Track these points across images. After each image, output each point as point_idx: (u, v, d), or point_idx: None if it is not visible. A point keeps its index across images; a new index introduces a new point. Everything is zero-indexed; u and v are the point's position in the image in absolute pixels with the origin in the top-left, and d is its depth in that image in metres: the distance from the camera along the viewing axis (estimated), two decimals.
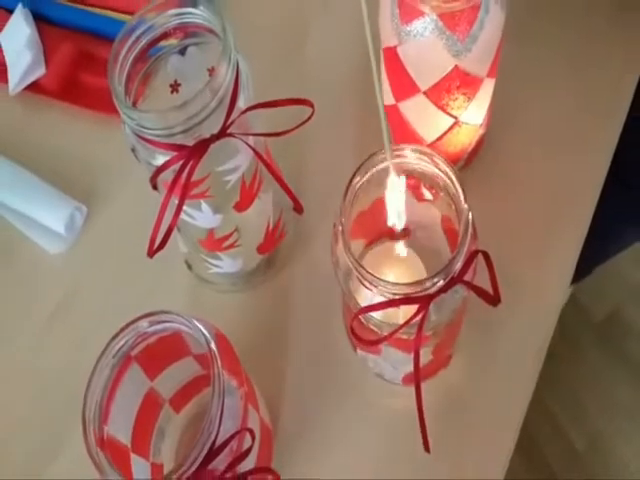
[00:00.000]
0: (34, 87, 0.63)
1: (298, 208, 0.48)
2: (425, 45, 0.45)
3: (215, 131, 0.39)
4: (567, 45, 0.58)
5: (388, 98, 0.52)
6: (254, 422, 0.39)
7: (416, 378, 0.39)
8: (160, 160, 0.39)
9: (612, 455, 1.19)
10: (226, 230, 0.46)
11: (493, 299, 0.40)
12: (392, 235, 0.50)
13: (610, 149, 0.54)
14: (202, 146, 0.38)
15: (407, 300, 0.37)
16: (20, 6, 0.65)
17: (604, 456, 1.19)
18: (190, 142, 0.38)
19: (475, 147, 0.56)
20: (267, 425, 0.44)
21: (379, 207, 0.47)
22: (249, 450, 0.36)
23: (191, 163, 0.38)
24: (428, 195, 0.45)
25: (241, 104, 0.41)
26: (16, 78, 0.62)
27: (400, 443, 0.48)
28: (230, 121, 0.39)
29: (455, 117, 0.51)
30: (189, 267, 0.52)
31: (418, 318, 0.38)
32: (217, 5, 0.40)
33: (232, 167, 0.42)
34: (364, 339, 0.39)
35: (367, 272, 0.37)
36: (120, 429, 0.39)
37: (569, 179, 0.54)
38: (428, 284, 0.37)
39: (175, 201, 0.41)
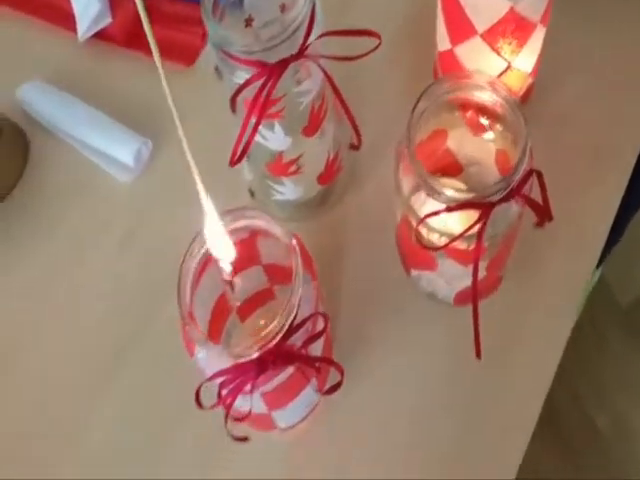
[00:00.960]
0: (101, 35, 0.67)
1: (358, 139, 0.52)
2: None
3: (293, 52, 0.43)
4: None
5: (444, 43, 0.56)
6: None
7: (474, 282, 0.42)
8: (241, 78, 0.43)
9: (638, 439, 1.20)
10: (293, 154, 0.50)
11: (546, 215, 0.44)
12: (445, 171, 0.54)
13: None
14: (282, 65, 0.42)
15: (470, 205, 0.41)
16: None
17: (630, 440, 1.20)
18: (270, 60, 0.42)
19: (524, 95, 0.59)
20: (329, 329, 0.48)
21: (436, 139, 0.50)
22: (322, 331, 0.39)
23: (272, 80, 0.42)
24: (485, 128, 0.49)
25: (314, 33, 0.45)
26: (84, 26, 0.67)
27: (448, 361, 0.51)
28: (307, 44, 0.43)
29: (508, 61, 0.54)
30: (252, 195, 0.56)
31: (478, 227, 0.41)
32: None
33: (305, 89, 0.46)
34: (427, 246, 0.43)
35: (434, 178, 0.41)
36: (200, 324, 0.43)
37: (616, 124, 0.58)
38: (491, 191, 0.40)
39: (253, 121, 0.45)
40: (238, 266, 0.46)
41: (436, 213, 0.41)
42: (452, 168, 0.53)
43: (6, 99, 0.63)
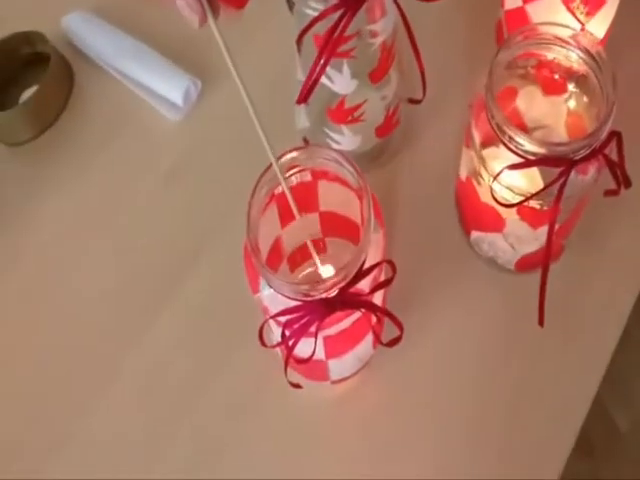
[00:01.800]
0: None
1: (423, 88, 0.51)
2: None
3: None
4: None
5: (515, 0, 0.54)
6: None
7: (548, 242, 0.41)
8: (315, 10, 0.42)
9: None
10: (356, 100, 0.49)
11: (624, 180, 0.43)
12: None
13: None
14: None
15: (551, 162, 0.39)
16: None
17: None
18: None
19: None
20: None
21: (505, 97, 0.49)
22: (391, 279, 0.38)
23: (349, 13, 0.41)
24: (560, 87, 0.47)
25: None
26: None
27: (505, 329, 0.50)
28: None
29: (582, 23, 0.52)
30: (307, 144, 0.55)
31: (557, 185, 0.40)
32: None
33: (379, 28, 0.44)
34: (503, 203, 0.42)
35: (516, 128, 0.39)
36: None
37: None
38: (574, 148, 0.39)
39: (321, 61, 0.43)
40: (292, 215, 0.45)
41: (517, 166, 0.40)
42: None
43: (52, 29, 0.62)
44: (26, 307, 0.54)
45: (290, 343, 0.36)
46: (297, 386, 0.43)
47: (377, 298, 0.41)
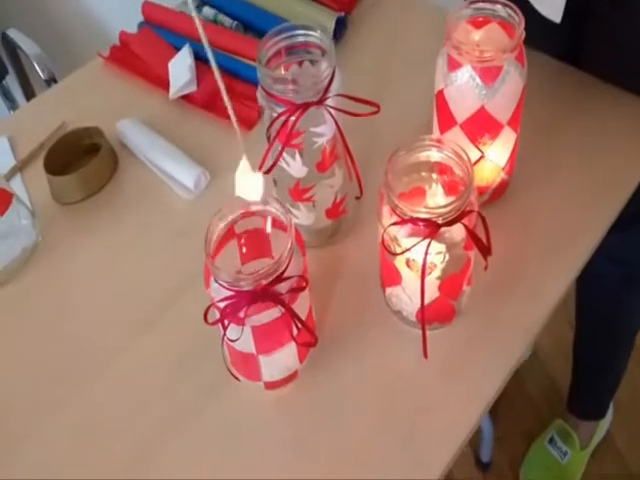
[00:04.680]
0: (186, 98, 0.85)
1: (360, 188, 0.65)
2: (462, 88, 0.62)
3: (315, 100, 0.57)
4: (580, 135, 0.76)
5: (436, 132, 0.70)
6: (305, 299, 0.55)
7: (422, 284, 0.54)
8: (277, 113, 0.58)
9: None
10: (308, 183, 0.63)
11: (485, 249, 0.56)
12: None
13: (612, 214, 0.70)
14: (305, 105, 0.56)
15: (421, 221, 0.53)
16: (187, 45, 0.88)
17: None
18: (297, 101, 0.57)
19: (498, 188, 0.70)
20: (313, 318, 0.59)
21: (416, 194, 0.61)
22: (304, 287, 0.51)
23: (297, 114, 0.56)
24: (456, 188, 0.60)
25: (331, 91, 0.59)
26: (175, 89, 0.84)
27: (409, 370, 0.61)
28: (325, 96, 0.57)
29: (482, 152, 0.66)
30: None
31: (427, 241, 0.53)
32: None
33: (320, 132, 0.59)
34: (391, 251, 0.55)
35: (397, 197, 0.53)
36: None
37: (571, 228, 0.69)
38: (439, 213, 0.52)
39: (280, 147, 0.59)
40: (253, 253, 0.58)
41: (397, 223, 0.54)
42: None
43: (109, 129, 0.80)
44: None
45: (225, 322, 0.49)
46: (236, 378, 0.55)
47: (300, 310, 0.53)
